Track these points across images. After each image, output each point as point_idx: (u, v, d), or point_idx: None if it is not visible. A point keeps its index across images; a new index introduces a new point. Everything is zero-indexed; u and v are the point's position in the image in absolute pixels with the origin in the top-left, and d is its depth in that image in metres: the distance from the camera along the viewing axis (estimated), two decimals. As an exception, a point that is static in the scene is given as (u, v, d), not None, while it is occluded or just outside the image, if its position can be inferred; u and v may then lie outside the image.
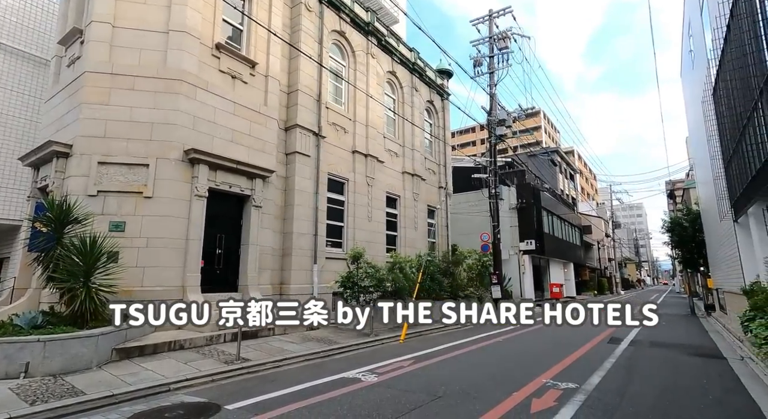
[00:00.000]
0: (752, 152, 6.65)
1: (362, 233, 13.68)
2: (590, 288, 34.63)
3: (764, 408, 4.56)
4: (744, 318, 7.98)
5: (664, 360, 7.12)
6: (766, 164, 5.93)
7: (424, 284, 12.69)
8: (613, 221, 43.63)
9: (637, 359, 7.18)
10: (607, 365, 6.57)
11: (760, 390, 5.34)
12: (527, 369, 6.20)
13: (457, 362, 6.76)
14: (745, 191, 7.42)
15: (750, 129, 6.45)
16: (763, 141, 5.58)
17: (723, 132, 8.87)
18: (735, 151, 7.83)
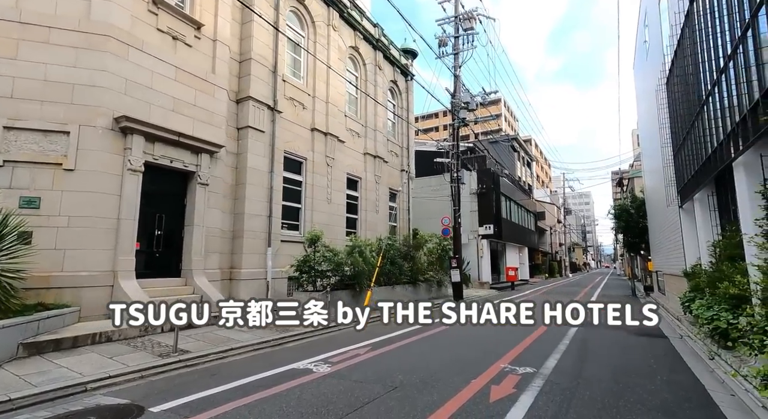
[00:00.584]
0: (703, 138, 6.83)
1: (321, 215, 13.11)
2: (542, 271, 36.34)
3: (708, 386, 4.69)
4: (684, 299, 8.42)
5: (614, 341, 7.33)
6: (716, 151, 6.07)
7: (383, 268, 12.44)
8: (565, 208, 45.86)
9: (589, 340, 7.33)
10: (561, 347, 6.62)
11: (702, 367, 5.56)
12: (487, 353, 6.09)
13: (418, 347, 6.55)
14: (694, 176, 7.69)
15: (702, 116, 6.58)
16: (718, 125, 5.67)
17: (675, 120, 9.15)
18: (685, 138, 8.07)
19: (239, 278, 9.89)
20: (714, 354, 5.96)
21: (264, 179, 10.90)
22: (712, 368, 5.51)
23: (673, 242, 10.91)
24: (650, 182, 16.28)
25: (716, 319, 5.59)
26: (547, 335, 7.80)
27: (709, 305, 6.36)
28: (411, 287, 13.88)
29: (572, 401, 4.03)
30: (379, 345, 6.61)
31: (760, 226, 4.77)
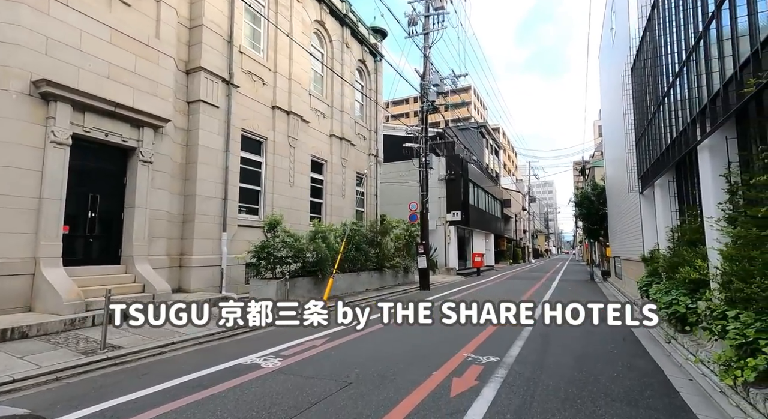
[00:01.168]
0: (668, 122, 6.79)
1: (283, 199, 12.43)
2: (507, 257, 37.27)
3: (667, 371, 4.65)
4: (642, 284, 8.57)
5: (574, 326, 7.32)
6: (681, 135, 6.01)
7: (348, 254, 12.02)
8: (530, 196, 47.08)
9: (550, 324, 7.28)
10: (525, 333, 6.51)
11: (660, 352, 5.57)
12: (452, 342, 5.85)
13: (381, 337, 6.21)
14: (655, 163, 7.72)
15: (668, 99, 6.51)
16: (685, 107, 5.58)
17: (639, 107, 9.18)
18: (649, 124, 8.08)
19: (190, 265, 9.15)
20: (670, 338, 6.02)
21: (218, 159, 10.08)
22: (669, 352, 5.54)
23: (632, 228, 11.17)
24: (611, 171, 16.69)
25: (675, 304, 5.60)
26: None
27: (666, 289, 6.41)
28: (377, 274, 13.57)
29: (536, 392, 3.81)
30: (338, 335, 6.21)
31: (722, 210, 4.70)
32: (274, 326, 7.12)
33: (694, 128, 5.30)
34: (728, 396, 3.72)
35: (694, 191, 6.68)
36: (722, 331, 4.02)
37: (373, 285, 13.21)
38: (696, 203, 6.70)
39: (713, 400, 3.76)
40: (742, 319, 3.68)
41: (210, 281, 9.52)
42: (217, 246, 9.87)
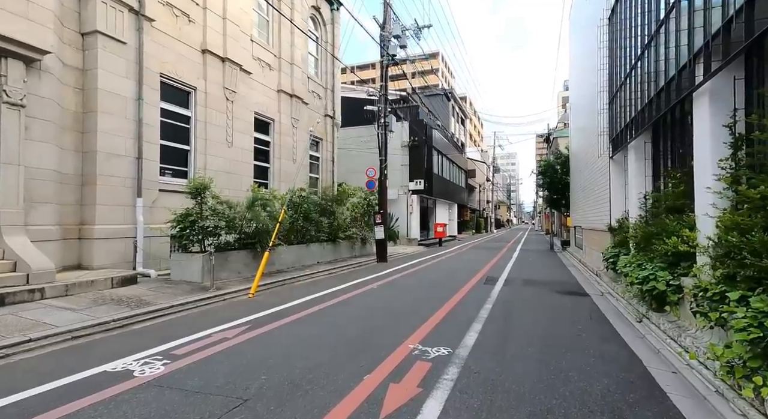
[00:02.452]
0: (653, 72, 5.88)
1: (219, 161, 10.79)
2: (470, 228, 37.33)
3: (645, 361, 3.91)
4: (608, 255, 7.96)
5: (539, 302, 6.61)
6: (671, 83, 5.09)
7: (295, 224, 10.73)
8: (494, 166, 47.04)
9: (512, 303, 6.52)
10: (483, 313, 5.66)
11: (632, 334, 4.88)
12: (396, 327, 4.88)
13: (309, 323, 5.13)
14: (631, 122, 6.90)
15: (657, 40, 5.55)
16: (680, 45, 4.61)
17: (615, 61, 8.27)
18: (628, 76, 7.19)
19: (91, 237, 7.55)
20: (642, 316, 5.37)
21: (129, 109, 8.27)
22: (643, 334, 4.86)
23: (596, 196, 10.61)
24: (576, 139, 16.15)
25: (652, 279, 4.86)
26: (470, 297, 6.90)
27: (638, 262, 5.71)
28: (330, 246, 12.43)
29: (494, 404, 2.88)
30: (261, 323, 5.07)
31: (722, 168, 3.84)
32: (190, 310, 5.90)
33: (692, 69, 4.36)
34: (729, 401, 2.95)
35: (675, 151, 5.92)
36: (720, 318, 3.22)
37: (325, 258, 12.10)
38: (677, 165, 5.95)
39: (711, 405, 3.00)
40: (754, 304, 2.84)
41: (121, 256, 7.99)
42: (130, 214, 8.26)
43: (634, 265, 5.77)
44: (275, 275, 9.08)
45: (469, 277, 9.34)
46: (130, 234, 8.17)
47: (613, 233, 8.35)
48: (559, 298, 7.07)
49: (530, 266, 11.89)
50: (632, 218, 7.08)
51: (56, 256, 6.84)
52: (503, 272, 10.48)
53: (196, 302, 6.25)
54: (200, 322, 5.14)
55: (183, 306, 6.02)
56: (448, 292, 7.32)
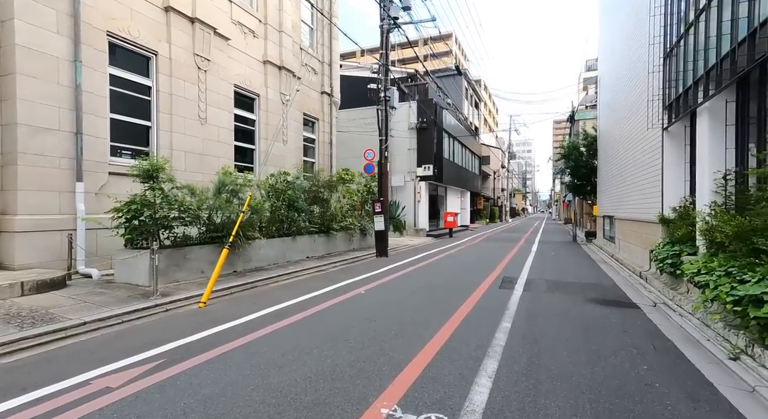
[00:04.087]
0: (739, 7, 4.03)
1: (189, 140, 9.28)
2: (483, 217, 35.43)
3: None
4: (662, 253, 6.19)
5: (573, 319, 4.91)
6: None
7: (277, 213, 9.20)
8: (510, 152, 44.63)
9: (537, 319, 4.85)
10: (498, 340, 4.02)
11: (733, 385, 3.16)
12: (369, 368, 3.28)
13: (254, 354, 3.59)
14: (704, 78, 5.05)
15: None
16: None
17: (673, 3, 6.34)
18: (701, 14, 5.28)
19: (11, 230, 6.13)
20: (739, 352, 3.63)
21: (62, 72, 6.76)
22: (751, 385, 3.13)
23: (640, 179, 8.74)
24: (606, 117, 14.10)
25: (766, 300, 3.12)
26: (480, 307, 5.26)
27: (727, 269, 3.95)
28: (322, 238, 10.89)
29: None
30: (184, 354, 3.53)
31: None
32: (109, 327, 4.42)
33: None
34: None
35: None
36: None
37: (316, 252, 10.57)
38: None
39: None
40: None
41: (56, 253, 6.58)
42: (68, 202, 6.82)
43: (719, 273, 4.02)
44: (249, 275, 7.59)
45: (480, 278, 7.69)
46: (66, 226, 6.74)
47: (667, 226, 6.54)
48: (598, 311, 5.36)
49: (554, 263, 10.14)
50: (703, 206, 5.27)
51: (-40, 254, 5.45)
52: (522, 270, 8.78)
53: (122, 316, 4.77)
54: (101, 352, 3.64)
55: (102, 322, 4.55)
56: (453, 302, 5.69)
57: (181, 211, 6.71)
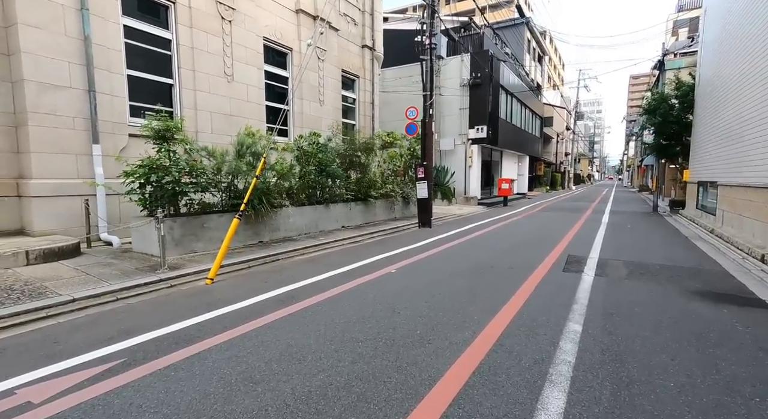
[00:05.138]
0: None
1: (215, 100, 8.62)
2: (543, 184, 32.59)
3: None
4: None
5: (672, 322, 3.54)
6: None
7: (306, 179, 8.38)
8: (577, 112, 40.00)
9: (619, 318, 3.57)
10: (566, 351, 2.85)
11: None
12: (384, 379, 2.33)
13: (231, 358, 2.81)
14: None
15: None
16: None
17: None
18: None
19: (28, 195, 5.89)
20: None
21: (69, 22, 6.19)
22: None
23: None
24: (715, 57, 11.25)
25: None
26: (537, 304, 4.02)
27: None
28: (360, 207, 10.02)
29: None
30: (155, 351, 2.83)
31: None
32: (99, 305, 3.89)
33: None
34: None
35: None
36: None
37: (352, 221, 9.76)
38: None
39: None
40: None
41: (76, 220, 6.32)
42: (85, 166, 6.48)
43: None
44: (274, 246, 6.95)
45: (538, 256, 6.36)
46: (88, 192, 6.43)
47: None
48: (709, 310, 3.90)
49: (632, 238, 8.40)
50: None
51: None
52: (592, 247, 7.26)
53: (117, 293, 4.26)
54: (65, 342, 3.06)
55: (94, 299, 4.06)
56: (501, 290, 4.52)
57: (193, 175, 6.06)
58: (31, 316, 3.59)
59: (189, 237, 6.07)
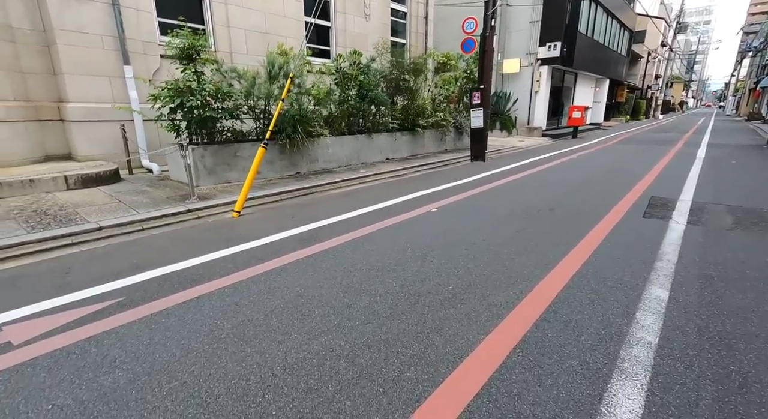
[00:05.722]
0: None
1: (249, 15, 7.82)
2: (623, 113, 28.52)
3: None
4: None
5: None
6: None
7: (346, 105, 7.63)
8: (679, 23, 32.89)
9: (719, 283, 2.71)
10: (647, 326, 2.15)
11: None
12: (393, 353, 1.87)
13: (230, 307, 2.51)
14: None
15: None
16: None
17: None
18: None
19: (67, 119, 5.86)
20: None
21: (81, -76, 5.54)
22: None
23: None
24: None
25: None
26: (608, 255, 3.17)
27: None
28: (406, 137, 9.18)
29: None
30: (162, 288, 2.61)
31: None
32: (126, 235, 3.82)
33: None
34: None
35: None
36: None
37: (398, 153, 9.04)
38: None
39: None
40: None
41: (119, 146, 6.30)
42: (119, 90, 6.28)
43: None
44: (312, 178, 6.57)
45: (612, 198, 5.31)
46: (125, 116, 6.30)
47: None
48: None
49: (738, 177, 6.83)
50: None
51: (24, 142, 5.37)
52: (683, 187, 5.98)
53: (143, 223, 4.15)
54: (75, 273, 2.96)
55: (120, 228, 3.98)
56: (560, 240, 3.74)
57: (218, 98, 5.58)
58: (57, 242, 3.57)
59: (222, 167, 5.83)
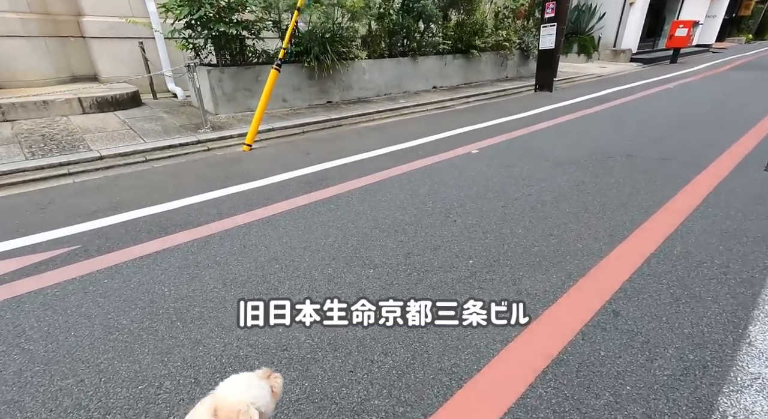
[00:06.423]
0: None
1: None
2: (744, 31, 23.00)
3: None
4: None
5: None
6: None
7: (385, 21, 6.45)
8: None
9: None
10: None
11: None
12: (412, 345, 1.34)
13: (196, 265, 2.08)
14: None
15: None
16: None
17: None
18: None
19: (86, 35, 5.47)
20: None
21: None
22: None
23: None
24: None
25: None
26: (704, 225, 2.25)
27: None
28: (458, 61, 7.86)
29: None
30: (127, 236, 2.26)
31: None
32: (129, 165, 3.53)
33: None
34: None
35: None
36: None
37: (447, 80, 7.83)
38: None
39: None
40: None
41: (130, 66, 5.89)
42: (138, 3, 5.69)
43: None
44: (343, 108, 5.84)
45: (716, 144, 4.02)
46: (146, 34, 5.79)
47: None
48: None
49: None
50: None
51: (48, 61, 5.14)
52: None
53: (147, 153, 3.82)
54: (49, 211, 2.69)
55: (121, 159, 3.68)
56: (639, 195, 2.80)
57: (231, 9, 4.78)
58: (54, 171, 3.34)
59: (242, 92, 5.26)
